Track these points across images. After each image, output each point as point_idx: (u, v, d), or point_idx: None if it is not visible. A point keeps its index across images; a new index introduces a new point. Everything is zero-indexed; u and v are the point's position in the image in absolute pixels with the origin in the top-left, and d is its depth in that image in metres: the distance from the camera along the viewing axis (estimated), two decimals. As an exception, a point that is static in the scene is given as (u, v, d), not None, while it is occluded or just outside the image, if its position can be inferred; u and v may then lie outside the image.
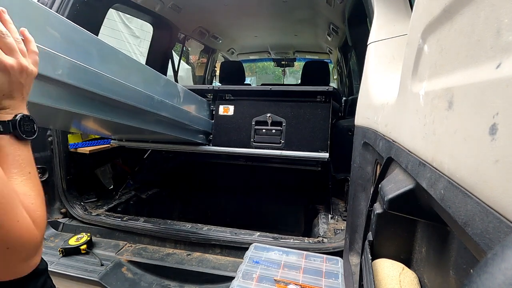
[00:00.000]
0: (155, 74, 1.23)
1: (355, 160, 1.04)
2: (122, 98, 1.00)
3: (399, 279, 0.54)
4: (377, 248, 0.62)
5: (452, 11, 0.37)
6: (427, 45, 0.46)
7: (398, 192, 0.48)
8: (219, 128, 1.72)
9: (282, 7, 2.48)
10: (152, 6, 2.34)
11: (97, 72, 0.88)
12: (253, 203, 2.44)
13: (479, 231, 0.27)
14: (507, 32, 0.26)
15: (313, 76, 2.90)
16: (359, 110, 1.06)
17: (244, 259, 1.23)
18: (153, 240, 1.55)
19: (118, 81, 0.97)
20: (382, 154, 0.69)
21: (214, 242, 1.48)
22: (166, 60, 2.99)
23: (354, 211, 1.01)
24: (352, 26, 2.17)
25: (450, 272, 0.43)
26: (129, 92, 1.03)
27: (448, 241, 0.44)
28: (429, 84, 0.44)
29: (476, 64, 0.31)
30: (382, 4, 1.06)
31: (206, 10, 2.59)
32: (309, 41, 3.73)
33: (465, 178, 0.31)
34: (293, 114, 1.63)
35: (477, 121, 0.29)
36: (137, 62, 1.13)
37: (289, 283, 1.08)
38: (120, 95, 0.99)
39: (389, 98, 0.70)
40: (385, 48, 1.01)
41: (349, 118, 2.05)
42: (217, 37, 3.43)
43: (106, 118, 1.02)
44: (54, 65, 0.74)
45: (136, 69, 1.11)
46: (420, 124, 0.45)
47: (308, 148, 1.60)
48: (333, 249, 1.37)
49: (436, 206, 0.38)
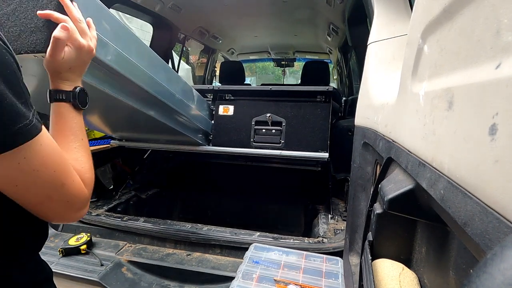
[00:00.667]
0: (175, 74, 1.43)
1: (355, 160, 1.04)
2: (150, 90, 1.16)
3: (399, 279, 0.54)
4: (377, 248, 0.62)
5: (452, 11, 0.37)
6: (427, 45, 0.46)
7: (398, 192, 0.48)
8: (219, 128, 1.72)
9: (282, 7, 2.48)
10: (152, 6, 2.34)
11: (134, 63, 1.04)
12: (253, 203, 2.44)
13: (479, 231, 0.27)
14: (507, 32, 0.27)
15: (313, 76, 2.90)
16: (359, 110, 1.06)
17: (244, 259, 1.23)
18: (153, 240, 1.55)
19: (149, 74, 1.13)
20: (382, 154, 0.69)
21: (214, 242, 1.48)
22: (166, 60, 2.99)
23: (354, 211, 1.01)
24: (352, 26, 2.17)
25: (450, 272, 0.43)
26: (155, 86, 1.20)
27: (448, 241, 0.45)
28: (429, 84, 0.44)
29: (476, 64, 0.31)
30: (382, 4, 1.06)
31: (206, 10, 2.59)
32: (309, 41, 3.73)
33: (465, 178, 0.31)
34: (293, 114, 1.63)
35: (477, 121, 0.29)
36: (163, 62, 1.30)
37: (289, 283, 1.08)
38: (149, 87, 1.16)
39: (389, 98, 0.70)
40: (385, 48, 1.01)
41: (349, 118, 2.05)
42: (217, 37, 3.43)
43: (134, 105, 1.17)
44: (106, 51, 0.89)
45: (162, 67, 1.27)
46: (420, 124, 0.45)
47: (308, 148, 1.60)
48: (333, 249, 1.37)
49: (436, 206, 0.38)
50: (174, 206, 2.50)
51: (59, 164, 0.50)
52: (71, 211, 0.55)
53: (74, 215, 0.56)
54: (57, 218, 0.56)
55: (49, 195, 0.51)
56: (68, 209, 0.54)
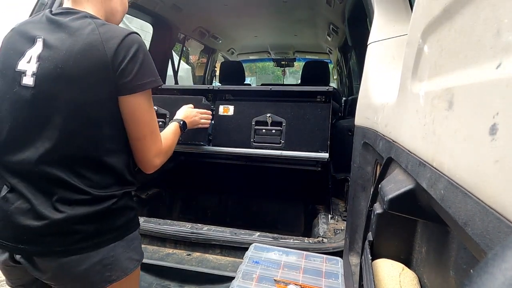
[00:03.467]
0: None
1: (355, 160, 1.04)
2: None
3: (399, 279, 0.54)
4: (377, 248, 0.62)
5: (452, 11, 0.37)
6: (427, 45, 0.46)
7: (398, 192, 0.48)
8: (219, 128, 1.72)
9: (282, 7, 2.48)
10: (152, 6, 2.34)
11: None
12: (253, 203, 2.44)
13: (479, 231, 0.27)
14: (507, 32, 0.27)
15: (313, 76, 2.90)
16: (359, 110, 1.06)
17: (244, 259, 1.23)
18: (153, 240, 1.55)
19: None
20: (382, 154, 0.69)
21: (214, 242, 1.48)
22: (166, 60, 2.99)
23: (354, 211, 1.01)
24: (352, 26, 2.17)
25: (450, 272, 0.43)
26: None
27: (448, 241, 0.45)
28: (429, 84, 0.44)
29: (476, 64, 0.31)
30: (382, 4, 1.06)
31: (206, 10, 2.60)
32: (309, 41, 3.73)
33: (465, 178, 0.31)
34: (293, 114, 1.62)
35: (477, 121, 0.29)
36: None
37: (289, 283, 1.08)
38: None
39: (389, 98, 0.70)
40: (385, 48, 1.01)
41: (349, 118, 2.05)
42: (217, 37, 3.43)
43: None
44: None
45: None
46: (420, 124, 0.45)
47: (308, 148, 1.60)
48: (333, 249, 1.37)
49: (436, 206, 0.38)
50: (174, 206, 2.50)
51: (155, 119, 0.84)
52: (151, 153, 0.84)
53: (152, 159, 0.85)
54: (144, 155, 0.84)
55: (145, 134, 0.81)
56: (151, 150, 0.84)
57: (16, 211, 0.74)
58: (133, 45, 0.75)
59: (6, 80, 0.78)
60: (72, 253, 0.75)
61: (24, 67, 0.75)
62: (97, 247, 0.77)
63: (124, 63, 0.73)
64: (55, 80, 0.72)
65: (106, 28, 0.76)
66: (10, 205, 0.74)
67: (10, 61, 0.77)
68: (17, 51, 0.77)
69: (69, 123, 0.73)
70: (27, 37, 0.77)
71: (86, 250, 0.76)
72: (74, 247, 0.75)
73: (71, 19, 0.76)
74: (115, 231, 0.80)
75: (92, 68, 0.72)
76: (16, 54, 0.77)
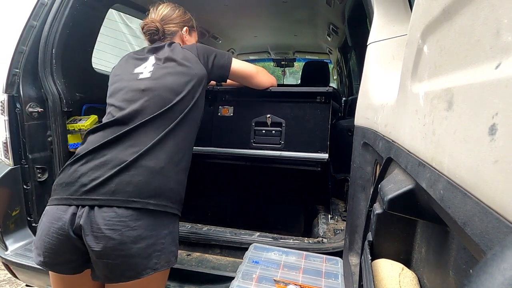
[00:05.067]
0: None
1: (355, 160, 1.04)
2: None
3: (399, 279, 0.54)
4: (376, 248, 0.62)
5: (451, 11, 0.37)
6: (426, 45, 0.46)
7: (397, 192, 0.48)
8: (219, 129, 1.72)
9: (281, 7, 2.48)
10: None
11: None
12: (253, 203, 2.44)
13: (479, 231, 0.27)
14: (507, 32, 0.27)
15: (313, 77, 2.89)
16: (359, 110, 1.06)
17: (244, 259, 1.23)
18: (152, 240, 1.55)
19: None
20: (382, 154, 0.69)
21: (214, 242, 1.48)
22: (166, 60, 2.98)
23: (354, 211, 1.01)
24: (352, 26, 2.17)
25: (450, 272, 0.43)
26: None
27: (448, 241, 0.45)
28: (429, 84, 0.44)
29: (475, 65, 0.31)
30: (382, 4, 1.06)
31: (206, 10, 2.59)
32: (309, 41, 3.72)
33: (464, 178, 0.31)
34: (293, 115, 1.63)
35: (477, 122, 0.29)
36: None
37: (289, 283, 1.08)
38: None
39: (389, 98, 0.70)
40: (385, 49, 1.01)
41: (349, 119, 2.05)
42: (217, 37, 3.42)
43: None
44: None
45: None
46: (420, 124, 0.45)
47: (307, 148, 1.60)
48: (333, 249, 1.37)
49: (436, 206, 0.38)
50: (174, 206, 2.49)
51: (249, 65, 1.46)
52: (264, 78, 1.50)
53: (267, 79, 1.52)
54: (260, 81, 1.49)
55: (255, 72, 1.45)
56: (264, 78, 1.50)
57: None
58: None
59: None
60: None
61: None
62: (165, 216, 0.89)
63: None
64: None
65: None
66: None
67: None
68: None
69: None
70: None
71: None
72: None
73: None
74: (173, 215, 0.94)
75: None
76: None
